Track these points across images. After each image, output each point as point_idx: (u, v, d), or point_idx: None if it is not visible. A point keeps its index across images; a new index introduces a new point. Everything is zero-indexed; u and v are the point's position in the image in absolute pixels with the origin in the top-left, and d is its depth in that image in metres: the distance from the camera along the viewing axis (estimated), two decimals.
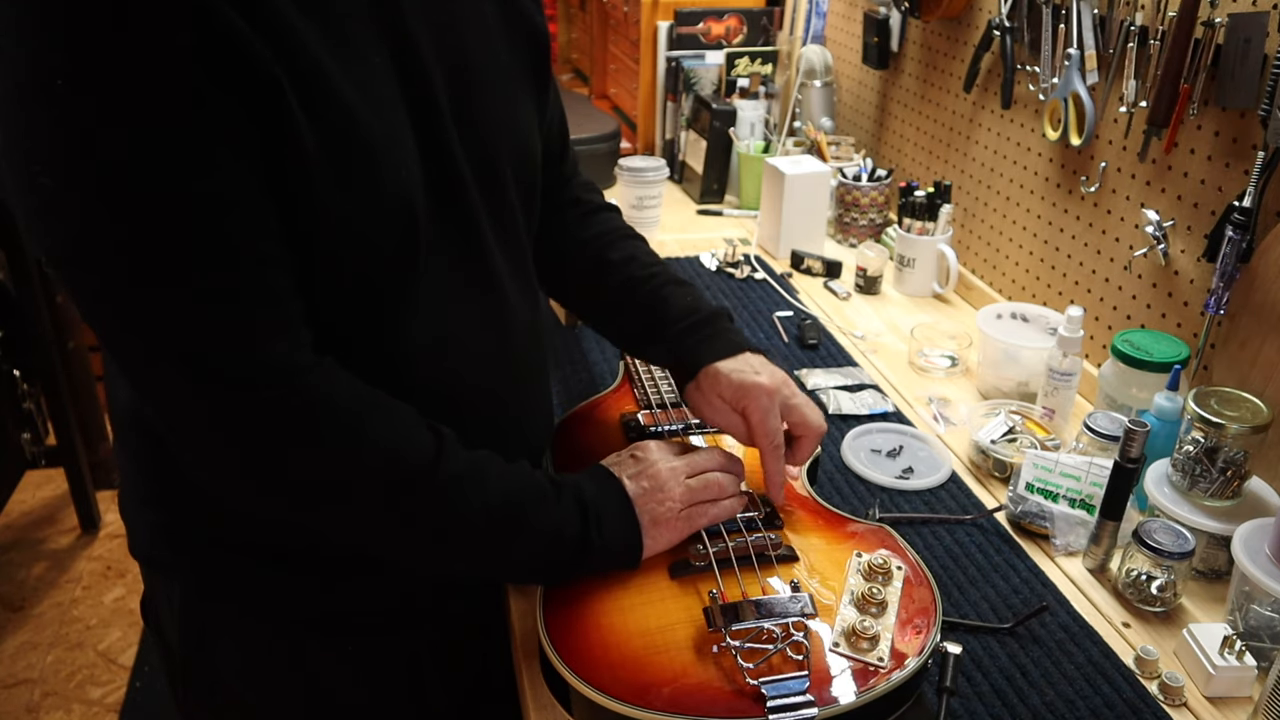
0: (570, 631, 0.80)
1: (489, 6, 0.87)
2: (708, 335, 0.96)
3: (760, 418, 0.90)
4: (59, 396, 2.37)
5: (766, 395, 0.91)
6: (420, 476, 0.76)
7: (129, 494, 0.92)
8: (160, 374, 0.70)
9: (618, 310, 1.03)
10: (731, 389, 0.91)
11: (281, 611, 0.89)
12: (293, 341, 0.72)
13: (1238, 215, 1.09)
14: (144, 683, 2.12)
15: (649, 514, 0.86)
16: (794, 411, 0.93)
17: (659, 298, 0.99)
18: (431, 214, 0.78)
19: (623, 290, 1.02)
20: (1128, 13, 1.24)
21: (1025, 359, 1.31)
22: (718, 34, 2.16)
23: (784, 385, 0.93)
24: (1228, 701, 0.88)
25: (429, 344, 0.81)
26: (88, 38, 0.60)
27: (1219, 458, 0.98)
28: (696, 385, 0.94)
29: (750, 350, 0.96)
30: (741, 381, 0.91)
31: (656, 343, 0.99)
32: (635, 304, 1.01)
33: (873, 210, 1.81)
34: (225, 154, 0.65)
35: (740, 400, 0.91)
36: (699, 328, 0.97)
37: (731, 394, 0.92)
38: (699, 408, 0.95)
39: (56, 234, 0.66)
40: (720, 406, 0.93)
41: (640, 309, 1.00)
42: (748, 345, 0.96)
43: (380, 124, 0.72)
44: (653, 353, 1.02)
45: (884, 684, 0.76)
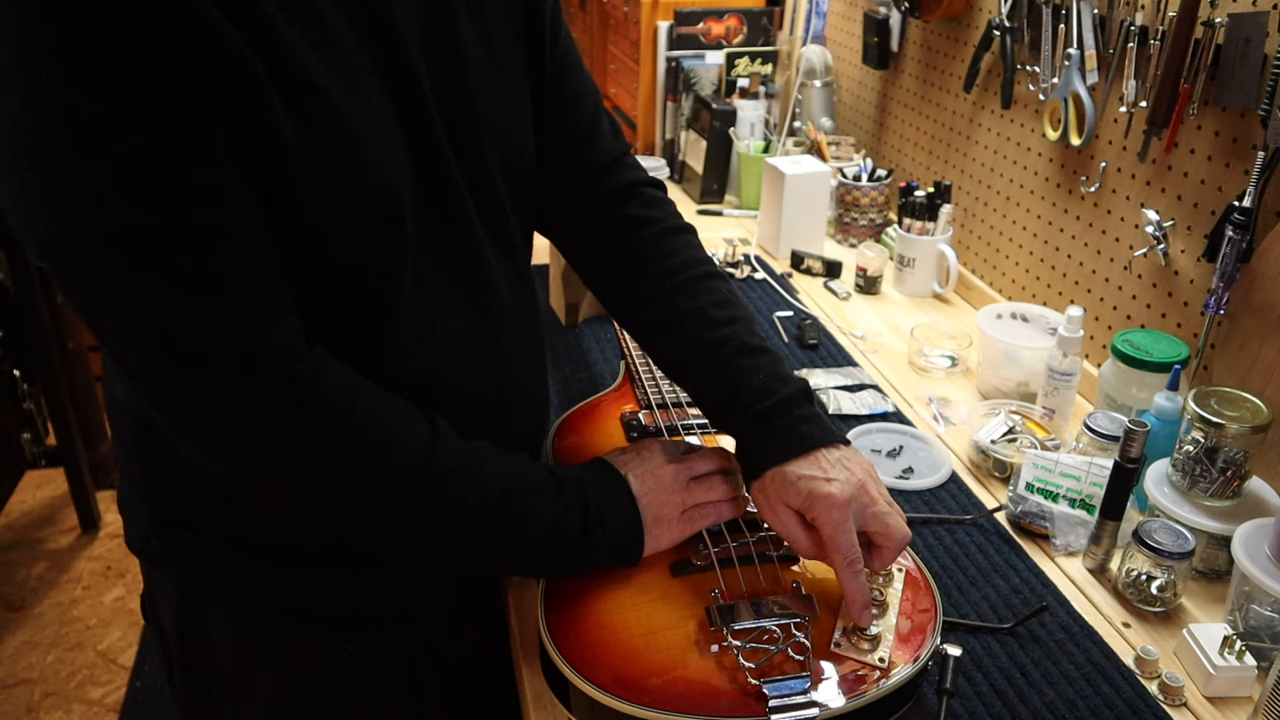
0: (571, 629, 0.80)
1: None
2: (780, 427, 0.85)
3: (831, 531, 0.80)
4: (59, 396, 2.37)
5: (838, 508, 0.80)
6: (416, 465, 0.76)
7: (126, 487, 0.92)
8: (153, 363, 0.70)
9: (687, 378, 0.94)
10: (800, 498, 0.81)
11: (278, 605, 0.89)
12: (285, 329, 0.72)
13: (1238, 215, 1.09)
14: (144, 683, 2.12)
15: (652, 512, 0.86)
16: (873, 521, 0.82)
17: (728, 373, 0.88)
18: (420, 208, 0.78)
19: (691, 356, 0.92)
20: (1128, 13, 1.24)
21: (1025, 359, 1.31)
22: (718, 34, 2.16)
23: (860, 493, 0.82)
24: (1228, 701, 0.88)
25: (420, 340, 0.81)
26: (73, 34, 0.60)
27: (1219, 458, 0.98)
28: (761, 487, 0.84)
29: (826, 444, 0.84)
30: (811, 491, 0.81)
31: (727, 424, 0.89)
32: (704, 376, 0.91)
33: (873, 210, 1.81)
34: (211, 145, 0.65)
35: (810, 511, 0.81)
36: (769, 416, 0.85)
37: (800, 503, 0.82)
38: (763, 513, 0.86)
39: (48, 226, 0.66)
40: (786, 515, 0.83)
41: (709, 384, 0.91)
42: (824, 438, 0.85)
43: (363, 118, 0.72)
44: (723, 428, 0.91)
45: (884, 684, 0.76)
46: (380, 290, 0.77)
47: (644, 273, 0.95)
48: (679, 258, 0.96)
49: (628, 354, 1.20)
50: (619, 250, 0.97)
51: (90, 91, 0.61)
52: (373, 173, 0.73)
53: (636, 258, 0.96)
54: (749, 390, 0.87)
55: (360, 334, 0.78)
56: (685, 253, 0.96)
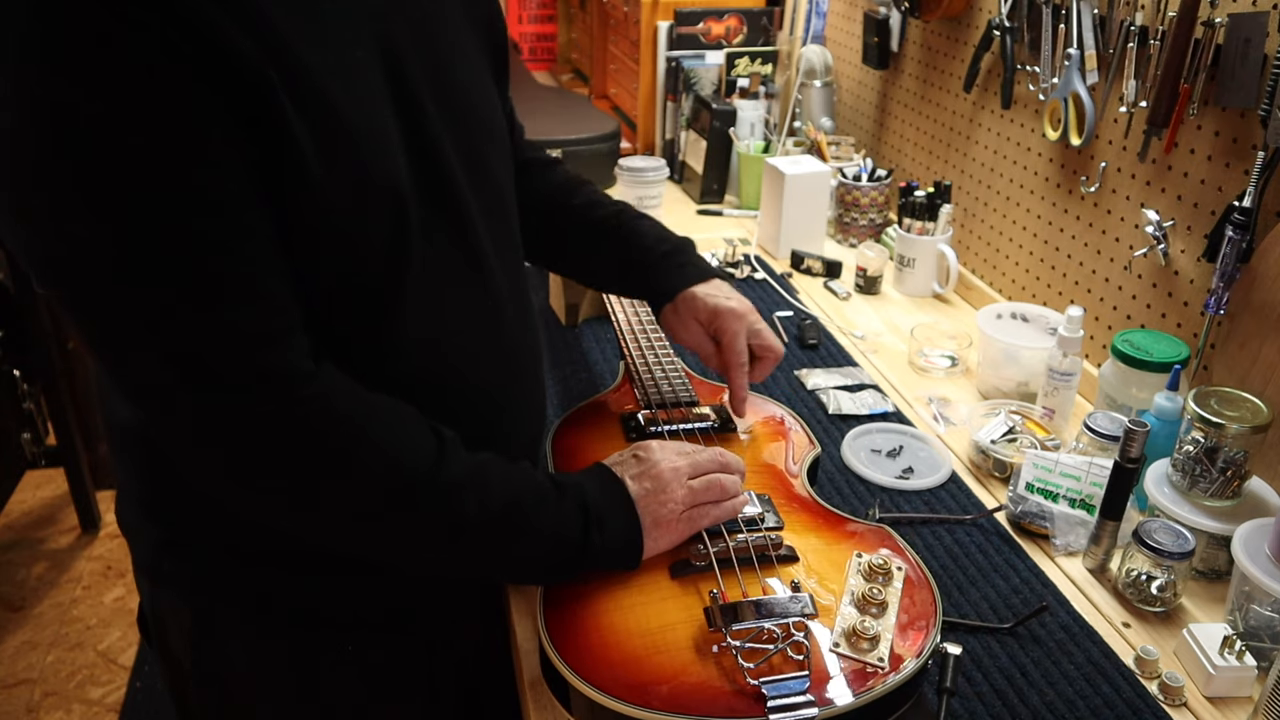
0: (570, 631, 0.80)
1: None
2: (681, 262, 1.06)
3: (730, 339, 1.01)
4: (59, 396, 2.37)
5: (737, 318, 1.02)
6: (421, 481, 0.76)
7: (129, 507, 0.91)
8: (157, 384, 0.69)
9: (592, 250, 1.10)
10: (707, 312, 1.02)
11: (287, 613, 0.89)
12: (291, 348, 0.71)
13: (1238, 215, 1.09)
14: (144, 683, 2.12)
15: (651, 515, 0.86)
16: (759, 335, 1.03)
17: (630, 231, 1.08)
18: (420, 206, 0.78)
19: (593, 231, 1.09)
20: (1128, 13, 1.24)
21: (1025, 359, 1.31)
22: (718, 34, 2.16)
23: (750, 311, 1.04)
24: (1228, 701, 0.88)
25: (423, 337, 0.81)
26: (75, 51, 0.60)
27: (1219, 458, 0.98)
28: (674, 308, 1.04)
29: (719, 277, 1.07)
30: (716, 305, 1.02)
31: (633, 272, 1.08)
32: (608, 241, 1.08)
33: (873, 210, 1.81)
34: (215, 156, 0.64)
35: (714, 322, 1.02)
36: (672, 255, 1.06)
37: (706, 316, 1.02)
38: (674, 329, 1.06)
39: (46, 249, 0.65)
40: (694, 328, 1.04)
41: (613, 245, 1.08)
42: (716, 272, 1.07)
43: (364, 118, 0.72)
44: (630, 283, 1.10)
45: (884, 684, 0.76)
46: (384, 291, 0.77)
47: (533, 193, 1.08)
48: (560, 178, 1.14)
49: (627, 354, 1.20)
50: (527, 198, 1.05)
51: (88, 110, 0.61)
52: (375, 173, 0.73)
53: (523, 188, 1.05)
54: (652, 238, 1.08)
55: (364, 335, 0.78)
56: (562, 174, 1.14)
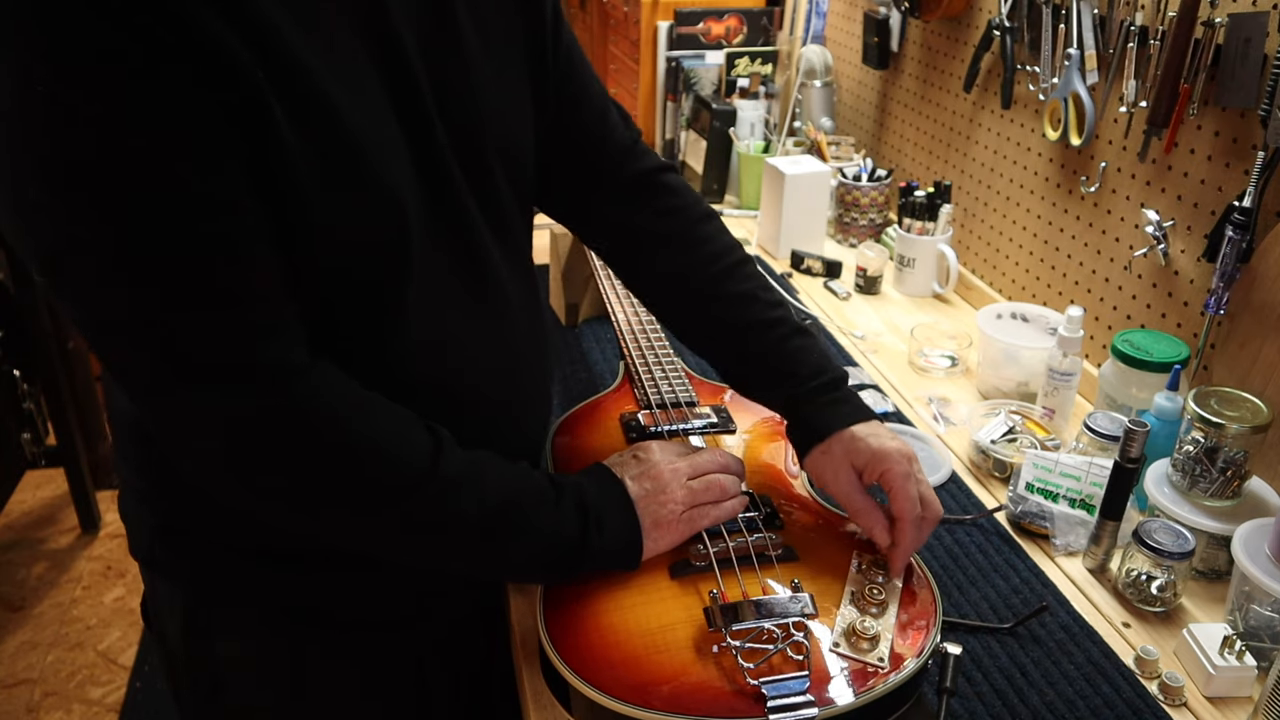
0: (570, 631, 0.80)
1: None
2: (839, 398, 0.92)
3: (901, 484, 0.86)
4: (59, 396, 2.37)
5: (906, 460, 0.87)
6: (418, 479, 0.76)
7: (128, 495, 0.92)
8: (152, 379, 0.70)
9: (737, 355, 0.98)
10: (869, 454, 0.87)
11: (281, 609, 0.89)
12: (287, 344, 0.71)
13: (1238, 215, 1.09)
14: (144, 683, 2.12)
15: (650, 515, 0.86)
16: (922, 485, 0.89)
17: (787, 351, 0.94)
18: (422, 211, 0.78)
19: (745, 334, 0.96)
20: (1128, 13, 1.24)
21: (1025, 359, 1.31)
22: (718, 34, 2.16)
23: (915, 459, 0.89)
24: (1228, 701, 0.88)
25: (426, 342, 0.81)
26: (68, 45, 0.60)
27: (1219, 458, 0.98)
28: (826, 449, 0.90)
29: (878, 419, 0.93)
30: (881, 447, 0.87)
31: (781, 396, 0.94)
32: (762, 351, 0.95)
33: (873, 210, 1.81)
34: (211, 156, 0.64)
35: (878, 465, 0.87)
36: (829, 389, 0.92)
37: (868, 459, 0.87)
38: (821, 472, 0.91)
39: (45, 244, 0.66)
40: (847, 473, 0.89)
41: (765, 360, 0.95)
42: (873, 414, 0.93)
43: (365, 122, 0.72)
44: (776, 406, 0.97)
45: (884, 684, 0.76)
46: (385, 293, 0.77)
47: (685, 260, 0.98)
48: (716, 243, 1.00)
49: (627, 354, 1.20)
50: (654, 240, 0.99)
51: (84, 105, 0.61)
52: (375, 175, 0.73)
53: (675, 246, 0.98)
54: (808, 365, 0.94)
55: (366, 337, 0.78)
56: (720, 238, 1.01)
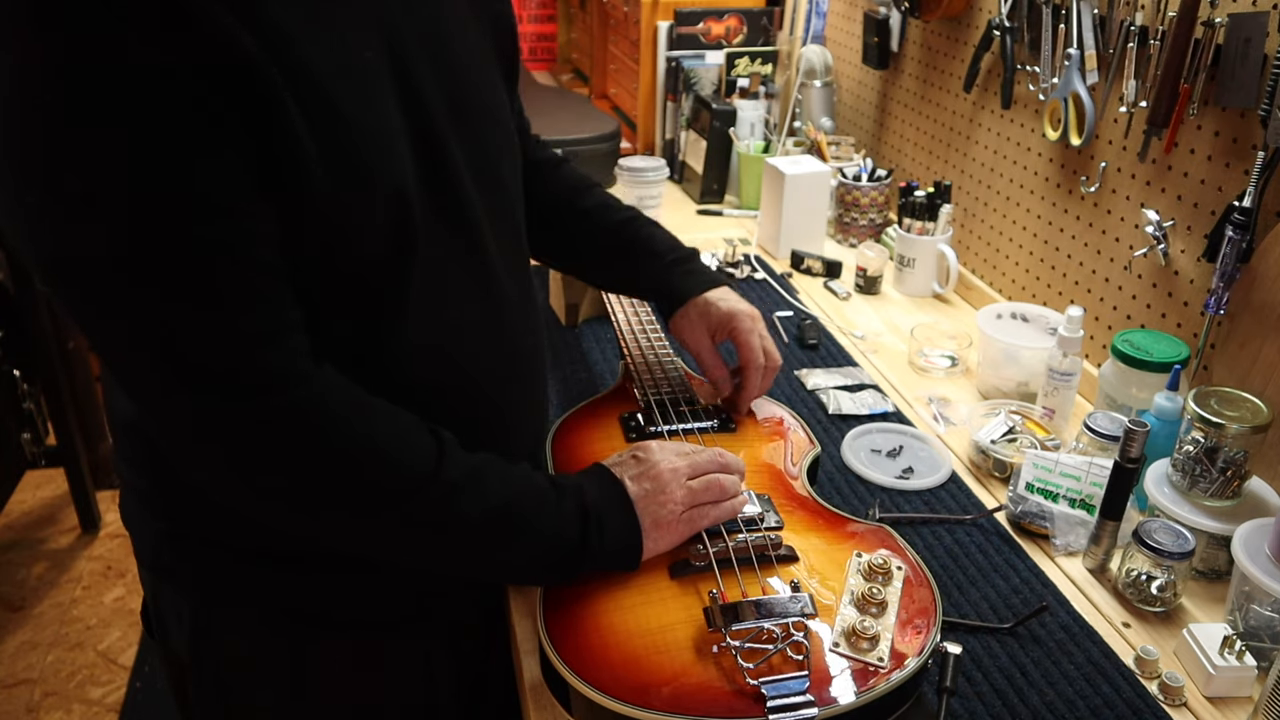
0: (570, 631, 0.80)
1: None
2: (692, 269, 1.10)
3: (746, 338, 1.05)
4: (59, 396, 2.37)
5: (750, 319, 1.06)
6: (421, 483, 0.76)
7: (132, 501, 0.92)
8: (155, 384, 0.69)
9: (602, 253, 1.13)
10: (720, 315, 1.06)
11: (283, 610, 0.89)
12: (290, 348, 0.71)
13: (1238, 215, 1.09)
14: (144, 683, 2.12)
15: (650, 516, 0.86)
16: (765, 340, 1.07)
17: (641, 238, 1.11)
18: (427, 209, 0.78)
19: (604, 235, 1.12)
20: (1128, 13, 1.24)
21: (1025, 359, 1.31)
22: (718, 34, 2.16)
23: (760, 318, 1.09)
24: (1228, 701, 0.88)
25: (427, 341, 0.81)
26: (70, 47, 0.59)
27: (1219, 458, 0.98)
28: (685, 313, 1.08)
29: (726, 283, 1.11)
30: (730, 309, 1.06)
31: (644, 277, 1.11)
32: (619, 245, 1.11)
33: (873, 210, 1.81)
34: (217, 159, 0.64)
35: (728, 323, 1.06)
36: (683, 262, 1.11)
37: (719, 319, 1.06)
38: (683, 333, 1.09)
39: (46, 248, 0.65)
40: (703, 332, 1.07)
41: (625, 250, 1.11)
42: (725, 281, 1.12)
43: (370, 119, 0.72)
44: (640, 287, 1.15)
45: (884, 684, 0.76)
46: (388, 292, 0.77)
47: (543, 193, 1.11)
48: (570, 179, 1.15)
49: (627, 354, 1.20)
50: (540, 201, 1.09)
51: (87, 110, 0.60)
52: (379, 174, 0.73)
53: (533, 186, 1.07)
54: (663, 246, 1.12)
55: (368, 337, 0.78)
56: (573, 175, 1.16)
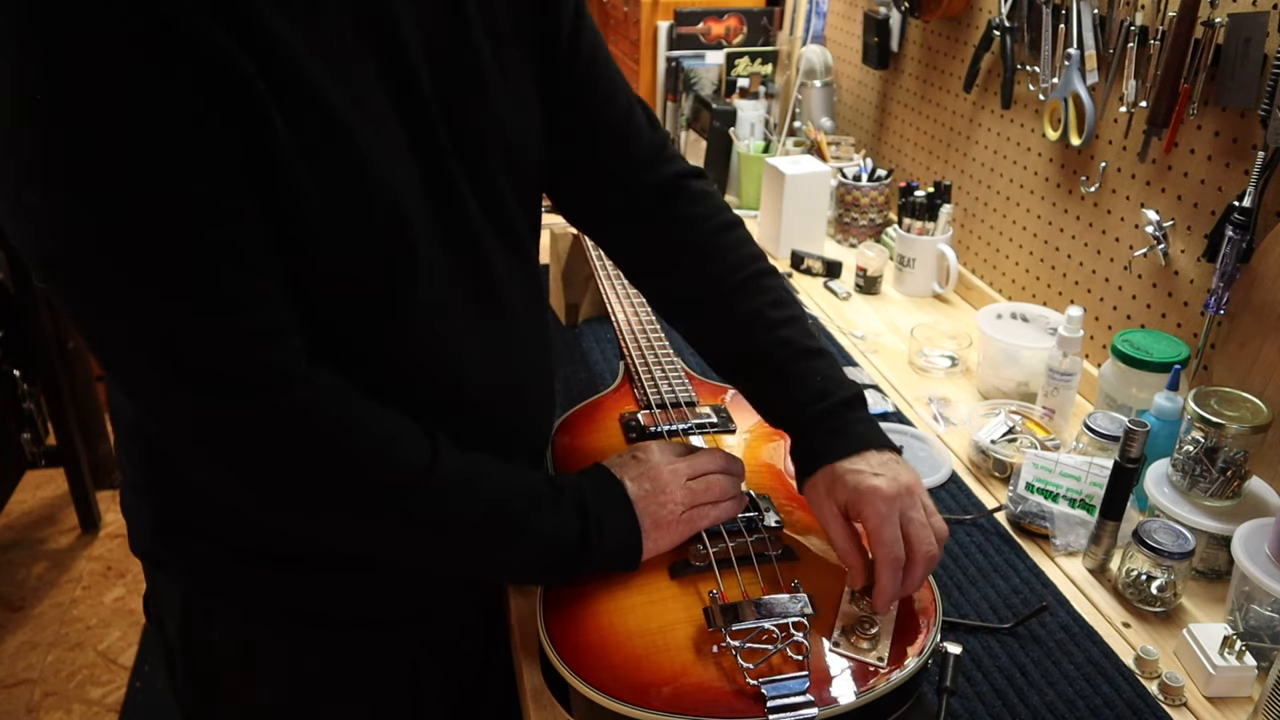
0: (570, 631, 0.80)
1: None
2: (832, 428, 0.88)
3: (876, 524, 0.81)
4: (59, 396, 2.37)
5: (883, 501, 0.82)
6: (417, 482, 0.76)
7: (129, 491, 0.92)
8: (152, 384, 0.70)
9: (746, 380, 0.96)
10: (849, 492, 0.83)
11: (279, 608, 0.89)
12: (287, 350, 0.71)
13: (1238, 215, 1.09)
14: (144, 683, 2.12)
15: (650, 516, 0.86)
16: (909, 525, 0.82)
17: (789, 375, 0.91)
18: (426, 218, 0.77)
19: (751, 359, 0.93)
20: (1128, 13, 1.24)
21: (1025, 359, 1.31)
22: (718, 34, 2.16)
23: (904, 494, 0.83)
24: (1228, 701, 0.88)
25: (429, 348, 0.81)
26: (66, 51, 0.60)
27: (1219, 458, 0.98)
28: (813, 484, 0.87)
29: (877, 447, 0.87)
30: (859, 485, 0.83)
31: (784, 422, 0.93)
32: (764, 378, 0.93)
33: (873, 210, 1.81)
34: (210, 162, 0.64)
35: (856, 505, 0.83)
36: (824, 419, 0.89)
37: (848, 498, 0.84)
38: (813, 509, 0.88)
39: (45, 246, 0.66)
40: (831, 510, 0.85)
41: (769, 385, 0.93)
42: (876, 440, 0.87)
43: (366, 127, 0.71)
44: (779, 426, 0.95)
45: (884, 684, 0.76)
46: (388, 299, 0.77)
47: (698, 273, 0.96)
48: (733, 256, 0.96)
49: (627, 354, 1.20)
50: (672, 252, 0.97)
51: (83, 110, 0.61)
52: (377, 182, 0.72)
53: (691, 259, 0.96)
54: (808, 392, 0.89)
55: (369, 342, 0.78)
56: (739, 250, 0.97)
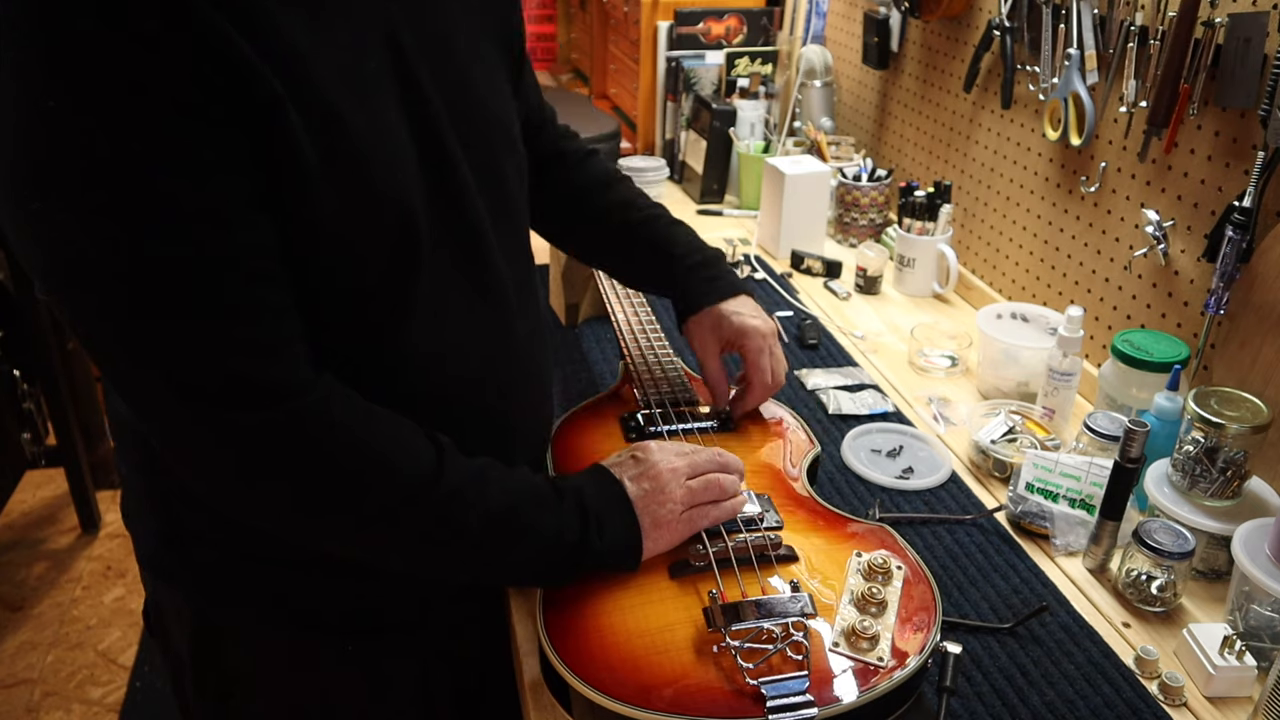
0: (570, 632, 0.80)
1: None
2: (712, 275, 1.08)
3: (755, 357, 1.05)
4: (59, 396, 2.37)
5: (762, 337, 1.06)
6: (421, 489, 0.76)
7: (132, 502, 0.92)
8: (156, 394, 0.69)
9: (624, 251, 1.12)
10: (731, 330, 1.05)
11: (284, 614, 0.89)
12: (292, 359, 0.71)
13: (1238, 215, 1.09)
14: (144, 683, 2.12)
15: (650, 516, 0.85)
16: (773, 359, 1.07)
17: (662, 238, 1.09)
18: (432, 219, 0.77)
19: (627, 232, 1.11)
20: (1128, 13, 1.24)
21: (1025, 359, 1.31)
22: (718, 34, 2.16)
23: (774, 333, 1.08)
24: (1228, 701, 0.88)
25: (431, 350, 0.81)
26: (78, 57, 0.59)
27: (1219, 458, 0.98)
28: (698, 321, 1.07)
29: (746, 292, 1.09)
30: (742, 324, 1.05)
31: (663, 281, 1.10)
32: (641, 244, 1.10)
33: (873, 210, 1.81)
34: (219, 170, 0.64)
35: (739, 339, 1.05)
36: (703, 267, 1.08)
37: (730, 333, 1.05)
38: (693, 341, 1.08)
39: (48, 255, 0.65)
40: (713, 345, 1.06)
41: (646, 250, 1.10)
42: (745, 286, 1.10)
43: (375, 132, 0.71)
44: (659, 289, 1.12)
45: (884, 684, 0.76)
46: (393, 302, 0.77)
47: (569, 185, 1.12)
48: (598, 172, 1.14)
49: (627, 354, 1.20)
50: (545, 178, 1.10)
51: (90, 117, 0.60)
52: (384, 186, 0.72)
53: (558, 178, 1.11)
54: (683, 248, 1.09)
55: (372, 347, 0.78)
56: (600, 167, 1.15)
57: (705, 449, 0.94)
